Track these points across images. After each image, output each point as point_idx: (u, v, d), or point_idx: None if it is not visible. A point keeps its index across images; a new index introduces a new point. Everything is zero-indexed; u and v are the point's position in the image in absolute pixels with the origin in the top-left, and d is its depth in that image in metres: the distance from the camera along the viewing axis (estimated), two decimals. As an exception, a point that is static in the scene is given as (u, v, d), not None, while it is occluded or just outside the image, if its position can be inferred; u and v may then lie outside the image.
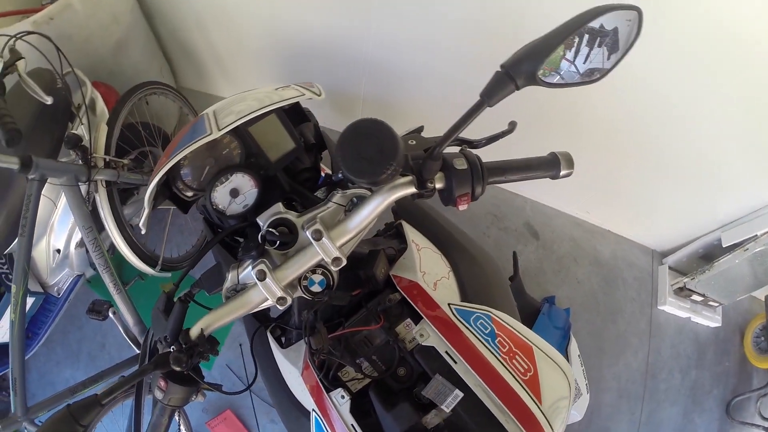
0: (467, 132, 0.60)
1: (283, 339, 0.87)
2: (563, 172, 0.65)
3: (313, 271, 0.65)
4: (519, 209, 1.94)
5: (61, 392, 1.28)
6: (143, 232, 0.78)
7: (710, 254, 1.82)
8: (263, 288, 0.63)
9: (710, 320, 1.90)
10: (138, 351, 1.37)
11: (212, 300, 0.75)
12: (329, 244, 0.62)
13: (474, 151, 0.68)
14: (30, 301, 1.45)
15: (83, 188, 1.30)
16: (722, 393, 1.84)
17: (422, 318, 0.71)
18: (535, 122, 1.42)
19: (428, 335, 0.69)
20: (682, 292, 1.88)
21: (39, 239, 1.40)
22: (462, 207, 0.65)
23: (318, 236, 0.62)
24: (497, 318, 0.71)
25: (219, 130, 0.68)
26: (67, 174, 1.23)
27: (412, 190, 0.61)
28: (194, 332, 0.65)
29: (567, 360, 0.92)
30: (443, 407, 0.63)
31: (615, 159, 1.62)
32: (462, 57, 1.47)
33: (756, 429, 1.77)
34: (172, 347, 0.65)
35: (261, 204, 0.76)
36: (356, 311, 0.75)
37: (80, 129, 1.34)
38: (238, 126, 0.71)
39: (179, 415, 1.39)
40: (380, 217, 0.66)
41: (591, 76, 0.56)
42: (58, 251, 1.45)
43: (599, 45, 0.53)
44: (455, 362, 0.66)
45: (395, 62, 1.61)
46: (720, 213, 1.71)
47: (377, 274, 0.73)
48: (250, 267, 0.65)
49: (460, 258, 0.84)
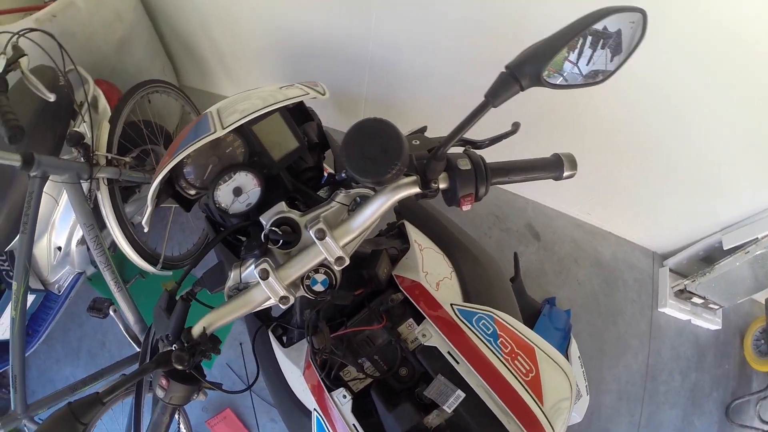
0: (471, 132, 0.60)
1: (285, 338, 0.87)
2: (566, 173, 0.65)
3: (316, 271, 0.65)
4: (520, 210, 1.94)
5: (61, 390, 1.28)
6: (146, 230, 0.78)
7: (711, 257, 1.83)
8: (266, 287, 0.63)
9: (710, 323, 1.90)
10: (138, 349, 1.37)
11: (214, 298, 0.75)
12: (332, 244, 0.62)
13: (477, 152, 0.68)
14: (30, 299, 1.45)
15: (85, 186, 1.30)
16: (722, 396, 1.84)
17: (424, 318, 0.71)
18: (538, 123, 1.42)
19: (430, 335, 0.69)
20: (683, 295, 1.89)
21: (40, 236, 1.40)
22: (465, 207, 0.65)
23: (321, 235, 0.62)
24: (499, 319, 0.71)
25: (223, 129, 0.68)
26: (69, 171, 1.23)
27: (416, 190, 0.61)
28: (196, 331, 0.65)
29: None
30: (445, 407, 0.63)
31: (616, 160, 1.62)
32: (463, 57, 1.47)
33: (755, 432, 1.77)
34: (174, 345, 0.65)
35: (264, 203, 0.76)
36: (358, 311, 0.75)
37: (82, 126, 1.34)
38: (242, 125, 0.71)
39: (179, 414, 1.39)
40: (383, 217, 0.66)
41: (594, 78, 0.57)
42: (59, 249, 1.45)
43: (602, 47, 0.53)
44: (457, 363, 0.66)
45: (397, 62, 1.61)
46: (721, 215, 1.71)
47: (380, 274, 0.73)
48: (253, 266, 0.65)
49: (463, 258, 0.84)
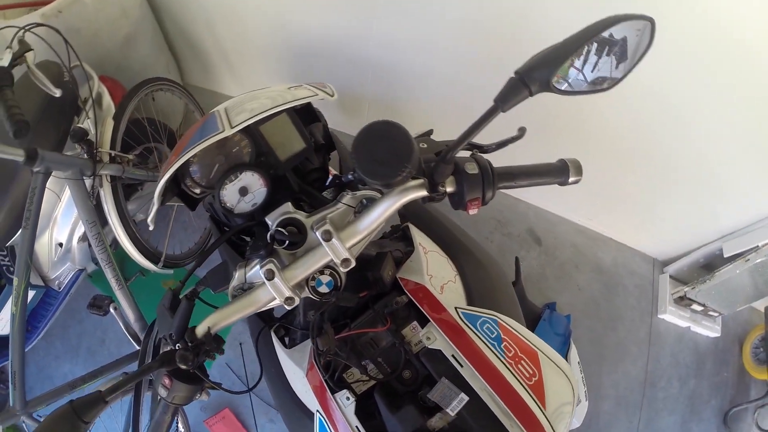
0: (477, 136, 0.60)
1: (287, 339, 0.87)
2: (572, 179, 0.65)
3: (321, 272, 0.65)
4: (522, 215, 1.94)
5: (61, 387, 1.27)
6: (151, 228, 0.78)
7: (711, 264, 1.83)
8: (271, 287, 0.63)
9: (710, 330, 1.90)
10: (138, 347, 1.37)
11: (217, 298, 0.75)
12: (339, 245, 0.62)
13: (484, 156, 0.68)
14: (30, 294, 1.44)
15: (87, 182, 1.30)
16: (720, 403, 1.84)
17: (429, 321, 0.71)
18: (543, 128, 1.43)
19: (435, 338, 0.69)
20: (683, 302, 1.89)
21: (41, 232, 1.40)
22: (472, 211, 0.65)
23: (328, 237, 0.62)
24: (503, 323, 0.71)
25: (231, 128, 0.68)
26: (72, 168, 1.23)
27: (424, 194, 0.61)
28: (200, 330, 0.65)
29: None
30: (448, 410, 0.63)
31: (619, 167, 1.62)
32: (462, 57, 1.47)
33: (753, 440, 1.77)
34: (177, 345, 0.65)
35: (269, 203, 0.76)
36: (362, 312, 0.75)
37: (86, 123, 1.33)
38: (250, 124, 0.71)
39: (178, 413, 1.39)
40: (387, 219, 0.66)
41: (599, 85, 0.56)
42: (61, 245, 1.45)
43: (608, 54, 0.53)
44: (461, 366, 0.66)
45: (398, 62, 1.61)
46: (722, 223, 1.71)
47: (384, 276, 0.73)
48: (258, 266, 0.65)
49: (466, 262, 0.84)
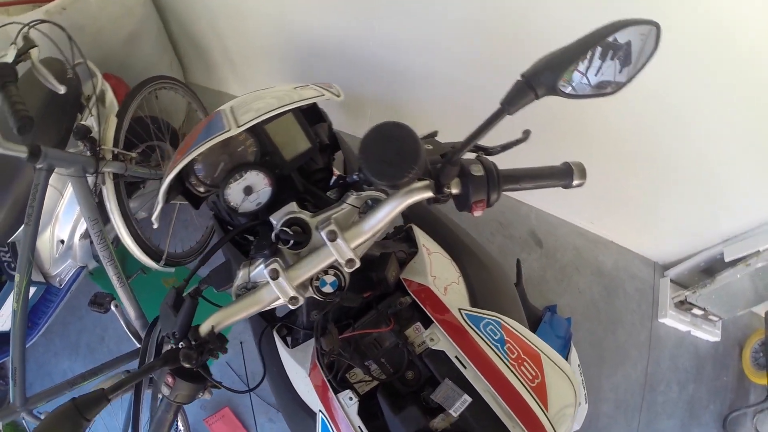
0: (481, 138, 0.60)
1: (289, 339, 0.87)
2: (576, 182, 0.65)
3: (326, 272, 0.65)
4: (524, 217, 1.94)
5: (61, 384, 1.27)
6: (155, 227, 0.78)
7: (712, 268, 1.83)
8: (276, 287, 0.63)
9: (710, 334, 1.91)
10: (139, 345, 1.37)
11: (220, 297, 0.75)
12: (344, 246, 0.62)
13: (489, 158, 0.68)
14: (31, 291, 1.44)
15: (90, 180, 1.30)
16: (719, 407, 1.84)
17: (432, 322, 0.71)
18: (545, 130, 1.42)
19: (438, 339, 0.69)
20: (683, 306, 1.89)
21: (43, 229, 1.39)
22: (477, 213, 0.65)
23: (333, 237, 0.62)
24: (506, 324, 0.72)
25: (238, 127, 0.68)
26: (75, 165, 1.23)
27: (429, 195, 0.61)
28: (204, 329, 0.65)
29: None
30: (451, 411, 0.63)
31: (621, 170, 1.62)
32: (467, 58, 1.47)
33: (752, 444, 1.77)
34: (181, 343, 0.65)
35: (274, 203, 0.76)
36: (364, 312, 0.75)
37: (89, 120, 1.34)
38: (255, 124, 0.71)
39: (180, 412, 1.39)
40: (392, 220, 0.66)
41: (603, 89, 0.56)
42: (62, 242, 1.45)
43: (611, 58, 0.53)
44: (465, 367, 0.66)
45: (402, 63, 1.61)
46: (723, 227, 1.71)
47: (388, 277, 0.73)
48: (263, 265, 0.65)
49: (470, 263, 0.84)
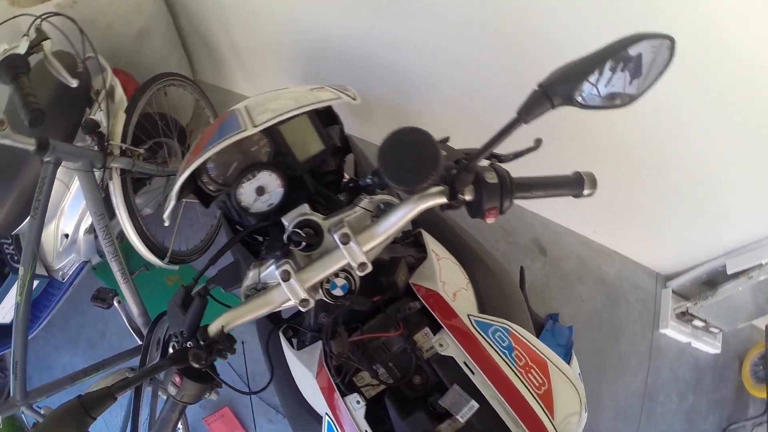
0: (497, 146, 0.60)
1: (294, 340, 0.87)
2: (586, 192, 0.66)
3: (336, 275, 0.65)
4: (529, 225, 1.94)
5: (61, 379, 1.27)
6: (166, 224, 0.78)
7: (714, 280, 1.83)
8: (287, 289, 0.63)
9: (710, 346, 1.90)
10: (140, 342, 1.36)
11: (228, 297, 0.75)
12: (356, 249, 0.62)
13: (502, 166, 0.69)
14: (34, 284, 1.44)
15: (97, 174, 1.29)
16: (718, 419, 1.84)
17: (441, 327, 0.71)
18: (552, 137, 1.42)
19: (448, 345, 0.69)
20: (684, 317, 1.89)
21: (48, 222, 1.39)
22: (490, 220, 0.65)
23: (346, 240, 0.62)
24: (515, 332, 0.72)
25: (254, 127, 0.68)
26: (83, 159, 1.23)
27: (443, 201, 0.61)
28: (213, 329, 0.65)
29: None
30: (458, 417, 0.63)
31: (627, 179, 1.62)
32: (482, 66, 1.46)
33: (750, 458, 1.77)
34: (189, 343, 0.65)
35: (285, 204, 0.76)
36: (372, 316, 0.75)
37: (98, 115, 1.34)
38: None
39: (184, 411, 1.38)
40: (405, 225, 0.66)
41: (613, 101, 0.56)
42: (66, 236, 1.45)
43: (622, 69, 0.53)
44: (473, 373, 0.66)
45: (414, 68, 1.61)
46: (726, 239, 1.71)
47: (398, 281, 0.73)
48: (274, 266, 0.65)
49: (478, 270, 0.84)
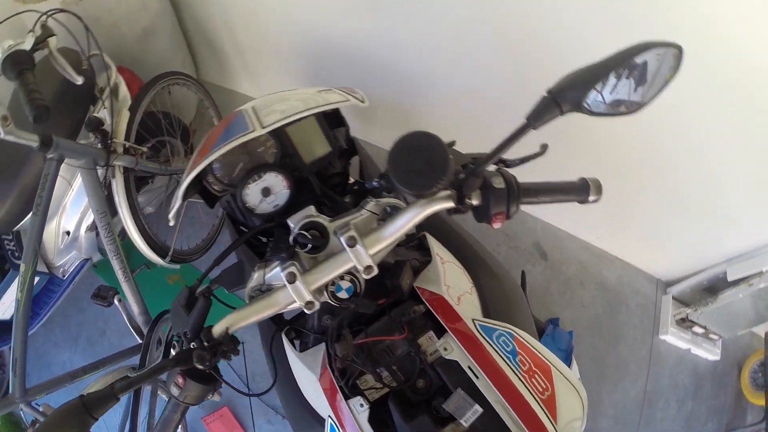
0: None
1: (296, 342, 0.87)
2: (591, 198, 0.66)
3: (341, 278, 0.65)
4: (530, 229, 1.94)
5: (61, 376, 1.26)
6: (171, 224, 0.77)
7: (714, 287, 1.83)
8: (292, 291, 0.62)
9: (709, 353, 1.91)
10: (140, 340, 1.36)
11: (231, 297, 0.75)
12: (363, 252, 0.62)
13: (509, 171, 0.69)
14: (34, 281, 1.43)
15: (100, 172, 1.29)
16: (716, 426, 1.84)
17: (445, 331, 0.71)
18: (554, 140, 1.42)
19: (452, 349, 0.69)
20: (684, 323, 1.89)
21: (50, 219, 1.39)
22: (496, 225, 0.65)
23: (352, 243, 0.62)
24: (519, 336, 0.72)
25: (263, 128, 0.68)
26: (86, 156, 1.22)
27: (451, 205, 0.61)
28: (218, 330, 0.64)
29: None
30: (462, 421, 0.63)
31: (630, 186, 1.62)
32: (488, 70, 1.47)
33: (748, 465, 1.77)
34: (193, 344, 0.65)
35: (291, 206, 0.76)
36: (376, 319, 0.75)
37: (102, 112, 1.33)
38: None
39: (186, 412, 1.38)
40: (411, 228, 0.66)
41: (617, 108, 0.56)
42: (68, 233, 1.44)
43: (627, 77, 0.53)
44: (477, 377, 0.66)
45: (418, 70, 1.61)
46: (727, 247, 1.72)
47: (403, 285, 0.73)
48: (279, 268, 0.65)
49: (483, 274, 0.84)
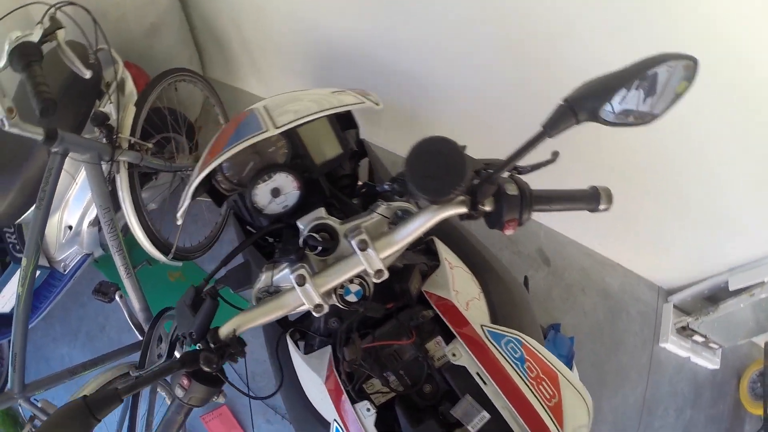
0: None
1: (300, 343, 0.86)
2: (602, 207, 0.66)
3: (351, 281, 0.65)
4: (533, 235, 1.94)
5: (60, 372, 1.25)
6: (179, 223, 0.77)
7: (715, 296, 1.83)
8: (301, 293, 0.62)
9: (709, 362, 1.91)
10: (141, 337, 1.35)
11: (235, 298, 0.74)
12: (374, 256, 0.61)
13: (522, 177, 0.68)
14: (35, 275, 1.42)
15: (104, 167, 1.28)
16: (714, 435, 1.85)
17: (453, 336, 0.70)
18: (562, 148, 1.43)
19: (461, 355, 0.68)
20: (685, 332, 1.89)
21: (53, 213, 1.37)
22: (508, 232, 0.64)
23: (364, 246, 0.61)
24: (527, 343, 0.71)
25: (276, 128, 0.67)
26: (91, 151, 1.21)
27: (464, 211, 0.61)
28: (225, 332, 0.64)
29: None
30: (469, 427, 0.63)
31: (634, 191, 1.62)
32: (497, 76, 1.47)
33: (745, 475, 1.77)
34: (198, 345, 0.64)
35: (299, 207, 0.75)
36: (383, 322, 0.75)
37: (108, 107, 1.32)
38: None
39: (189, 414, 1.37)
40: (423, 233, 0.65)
41: (626, 118, 0.56)
42: (70, 228, 1.43)
43: (636, 87, 0.53)
44: (485, 384, 0.66)
45: (426, 74, 1.60)
46: (730, 256, 1.72)
47: (411, 289, 0.73)
48: (288, 270, 0.64)
49: (491, 280, 0.83)
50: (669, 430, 1.80)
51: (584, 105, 0.53)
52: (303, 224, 0.69)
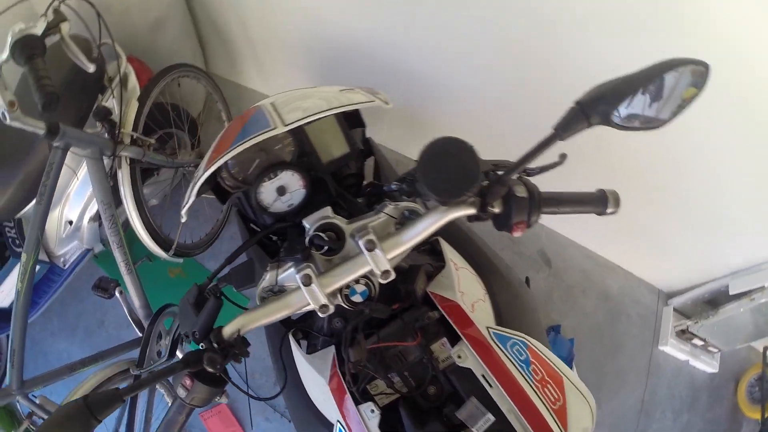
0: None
1: (302, 343, 0.85)
2: (609, 210, 0.65)
3: (356, 281, 0.65)
4: (535, 236, 1.94)
5: (59, 369, 1.24)
6: (183, 221, 0.76)
7: (715, 300, 1.84)
8: (307, 293, 0.61)
9: (707, 365, 1.91)
10: (140, 334, 1.34)
11: (238, 296, 0.73)
12: (381, 256, 0.61)
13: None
14: (35, 270, 1.41)
15: (106, 162, 1.27)
16: (712, 439, 1.85)
17: (458, 339, 0.70)
18: (566, 149, 1.42)
19: (467, 357, 0.68)
20: (684, 335, 1.89)
21: (53, 208, 1.36)
22: (517, 234, 0.64)
23: (371, 247, 0.61)
24: (532, 346, 0.71)
25: (285, 125, 0.67)
26: (93, 146, 1.21)
27: (473, 212, 0.61)
28: (228, 332, 0.63)
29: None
30: (474, 430, 0.62)
31: (637, 192, 1.61)
32: (502, 78, 1.46)
33: (742, 479, 1.78)
34: (201, 345, 0.63)
35: (305, 205, 0.75)
36: (387, 323, 0.74)
37: (110, 102, 1.32)
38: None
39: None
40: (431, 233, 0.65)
41: (631, 122, 0.56)
42: (71, 223, 1.43)
43: (642, 92, 0.53)
44: (490, 386, 0.65)
45: (432, 75, 1.59)
46: (731, 260, 1.72)
47: (417, 290, 0.72)
48: (293, 270, 0.64)
49: (496, 282, 0.83)
50: (666, 434, 1.80)
51: (596, 108, 0.53)
52: (309, 223, 0.68)
